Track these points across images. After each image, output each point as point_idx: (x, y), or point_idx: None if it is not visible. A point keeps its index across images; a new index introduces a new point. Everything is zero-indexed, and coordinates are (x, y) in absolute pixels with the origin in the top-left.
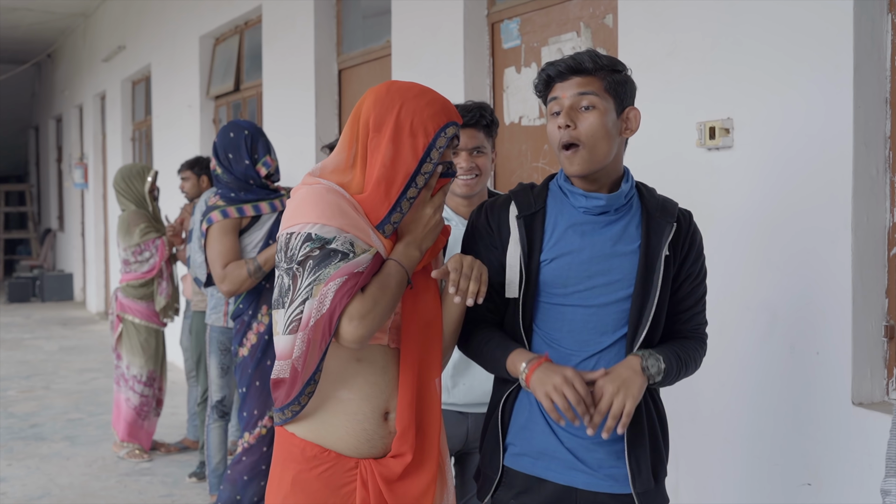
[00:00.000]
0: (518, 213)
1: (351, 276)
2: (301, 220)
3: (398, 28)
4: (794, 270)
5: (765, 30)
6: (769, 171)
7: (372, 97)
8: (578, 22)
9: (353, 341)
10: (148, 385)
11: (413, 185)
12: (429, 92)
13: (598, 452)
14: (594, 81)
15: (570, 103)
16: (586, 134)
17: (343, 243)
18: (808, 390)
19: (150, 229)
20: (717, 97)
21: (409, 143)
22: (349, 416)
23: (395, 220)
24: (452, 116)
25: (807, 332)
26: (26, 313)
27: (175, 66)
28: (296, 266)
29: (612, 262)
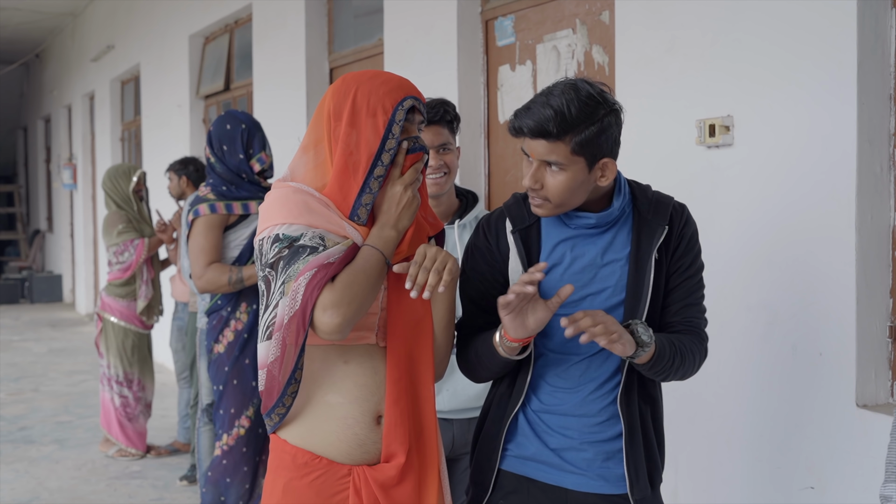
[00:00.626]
0: (513, 228)
1: (321, 267)
2: (269, 224)
3: (390, 26)
4: (796, 270)
5: (765, 25)
6: (770, 170)
7: (331, 89)
8: (574, 19)
9: (331, 332)
10: (125, 386)
11: (379, 163)
12: (383, 73)
13: (586, 452)
14: (560, 146)
15: (536, 164)
16: (553, 193)
17: (311, 238)
18: (810, 392)
19: (127, 229)
20: (717, 94)
21: (370, 124)
22: (339, 421)
23: (367, 201)
24: (409, 91)
25: (809, 333)
26: (15, 315)
27: (164, 65)
28: (268, 270)
29: (602, 272)
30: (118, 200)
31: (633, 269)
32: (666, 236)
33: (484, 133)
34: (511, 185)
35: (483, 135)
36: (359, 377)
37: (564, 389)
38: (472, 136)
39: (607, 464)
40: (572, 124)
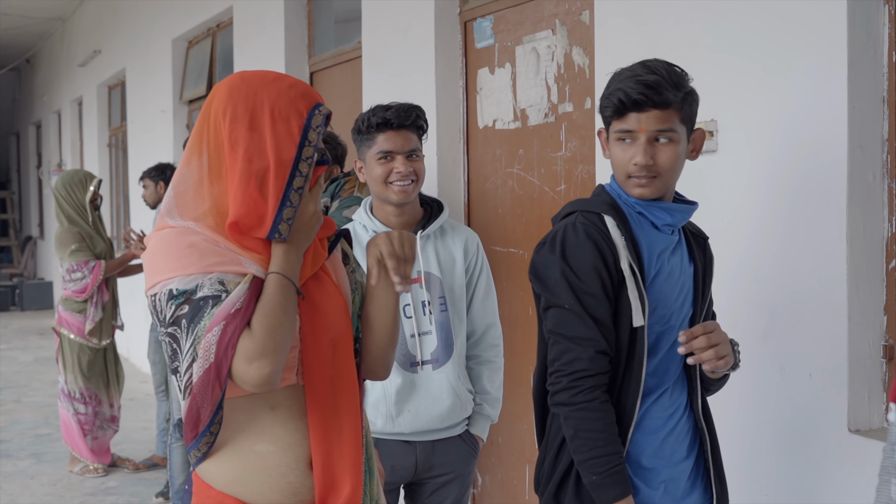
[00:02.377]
0: (621, 233)
1: (229, 318)
2: (159, 279)
3: (368, 28)
4: (784, 285)
5: (750, 25)
6: (756, 178)
7: (225, 89)
8: (554, 19)
9: (262, 384)
10: (83, 402)
11: (298, 173)
12: (287, 76)
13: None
14: (674, 115)
15: (646, 137)
16: (664, 167)
17: (211, 287)
18: (800, 415)
19: (81, 248)
20: (701, 98)
21: (282, 129)
22: (271, 471)
23: (289, 216)
24: (318, 98)
25: (798, 352)
26: (4, 323)
27: (149, 70)
28: (171, 328)
29: (684, 284)
30: (71, 211)
31: (700, 283)
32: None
33: (463, 138)
34: (491, 192)
35: (462, 140)
36: (288, 422)
37: (657, 417)
38: (451, 141)
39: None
40: (678, 92)
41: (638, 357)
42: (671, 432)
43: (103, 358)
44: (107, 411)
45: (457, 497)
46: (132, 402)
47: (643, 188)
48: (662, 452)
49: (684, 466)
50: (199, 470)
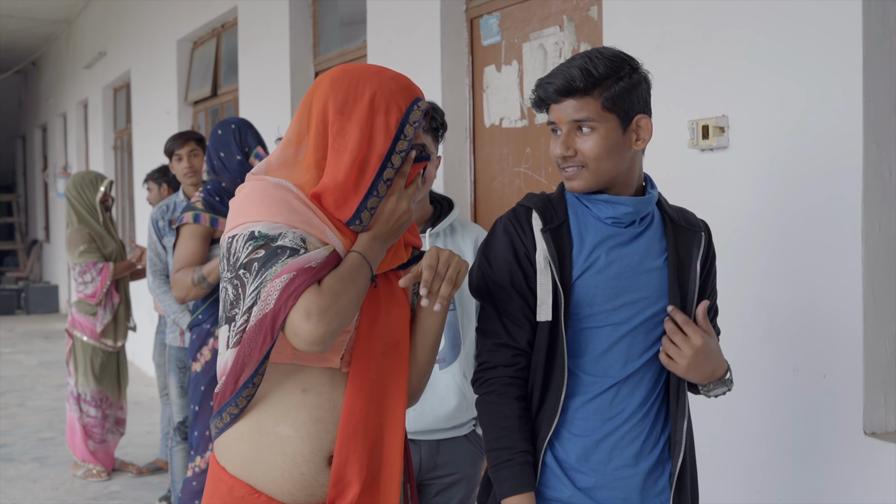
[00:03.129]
0: (543, 226)
1: (300, 271)
2: (243, 220)
3: (373, 27)
4: (798, 284)
5: (761, 18)
6: (769, 174)
7: (327, 81)
8: (561, 15)
9: (314, 342)
10: (94, 406)
11: (389, 164)
12: (387, 69)
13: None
14: (589, 102)
15: (566, 129)
16: (589, 155)
17: (293, 239)
18: (814, 418)
19: (90, 250)
20: (711, 93)
21: (381, 121)
22: (286, 457)
23: (372, 205)
24: (419, 93)
25: (812, 352)
26: (9, 326)
27: (154, 71)
28: (241, 271)
29: (639, 279)
30: (82, 211)
31: (675, 276)
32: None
33: (469, 137)
34: (498, 192)
35: (468, 139)
36: (316, 411)
37: (597, 416)
38: (457, 140)
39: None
40: (600, 79)
41: (559, 354)
42: (608, 436)
43: (116, 360)
44: (116, 413)
45: (463, 498)
46: (136, 405)
47: (572, 180)
48: (595, 456)
49: (629, 473)
50: (217, 446)
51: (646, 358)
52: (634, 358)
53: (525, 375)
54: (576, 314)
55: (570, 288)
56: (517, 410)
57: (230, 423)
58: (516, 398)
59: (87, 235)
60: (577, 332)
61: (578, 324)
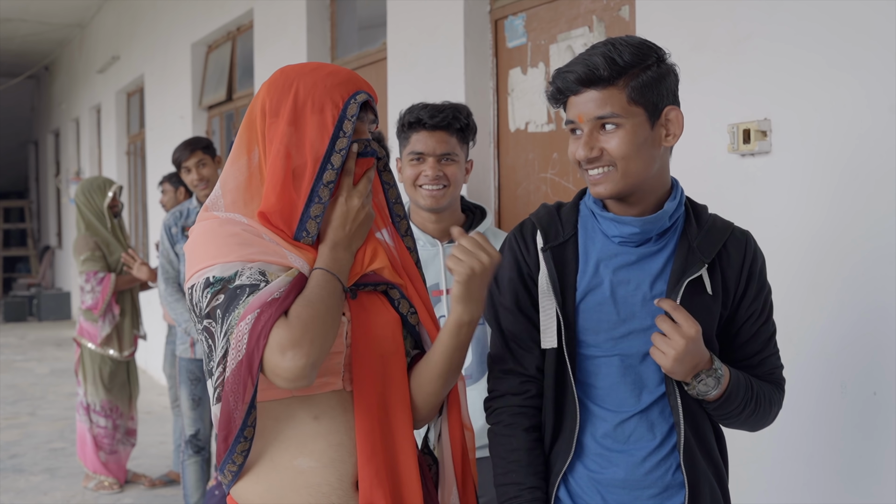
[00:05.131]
0: (544, 244)
1: (264, 307)
2: (197, 268)
3: (394, 28)
4: (846, 296)
5: (805, 17)
6: (813, 180)
7: (265, 84)
8: (591, 15)
9: (296, 377)
10: (104, 416)
11: (328, 166)
12: (328, 65)
13: None
14: (614, 94)
15: (588, 128)
16: (617, 154)
17: (250, 276)
18: (863, 438)
19: (93, 258)
20: (752, 96)
21: (316, 121)
22: (312, 490)
23: (316, 213)
24: (361, 85)
25: (861, 368)
26: (21, 333)
27: (168, 75)
28: (206, 322)
29: (650, 305)
30: (90, 217)
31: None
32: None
33: (494, 142)
34: (523, 199)
35: (493, 144)
36: (333, 436)
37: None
38: (481, 145)
39: None
40: (625, 67)
41: (568, 384)
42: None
43: (126, 370)
44: (127, 423)
45: None
46: (149, 415)
47: (598, 184)
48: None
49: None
50: (234, 494)
51: (661, 391)
52: (650, 388)
53: (536, 404)
54: (582, 342)
55: (574, 313)
56: (526, 443)
57: (233, 479)
58: (525, 429)
59: (92, 242)
60: (585, 360)
61: (585, 351)
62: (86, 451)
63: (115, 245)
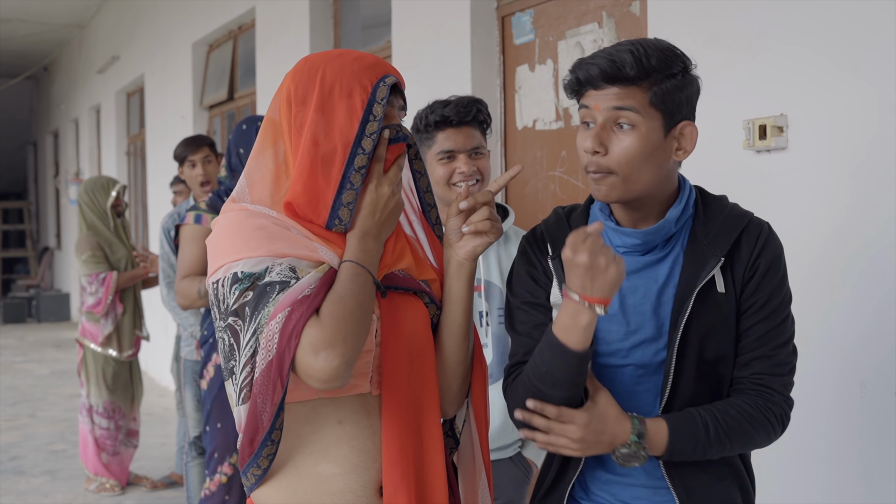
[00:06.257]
0: (553, 253)
1: (295, 305)
2: (223, 261)
3: (399, 26)
4: (864, 293)
5: (823, 9)
6: (831, 177)
7: (290, 73)
8: (600, 11)
9: (330, 378)
10: (106, 417)
11: (360, 150)
12: (353, 51)
13: None
14: (636, 93)
15: (602, 119)
16: (619, 161)
17: (281, 272)
18: (883, 439)
19: (95, 258)
20: (768, 91)
21: (345, 105)
22: (335, 497)
23: (349, 200)
24: (389, 69)
25: (881, 367)
26: (20, 335)
27: (168, 75)
28: (231, 319)
29: (660, 313)
30: (92, 216)
31: (676, 310)
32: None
33: (501, 140)
34: (531, 197)
35: (500, 142)
36: (356, 441)
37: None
38: (489, 143)
39: None
40: (652, 70)
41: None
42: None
43: (129, 370)
44: (129, 425)
45: None
46: (150, 416)
47: (598, 186)
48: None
49: None
50: (255, 496)
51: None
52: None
53: None
54: (594, 350)
55: None
56: None
57: (257, 482)
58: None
59: (94, 242)
60: (600, 368)
61: (599, 360)
62: (88, 453)
63: (118, 245)
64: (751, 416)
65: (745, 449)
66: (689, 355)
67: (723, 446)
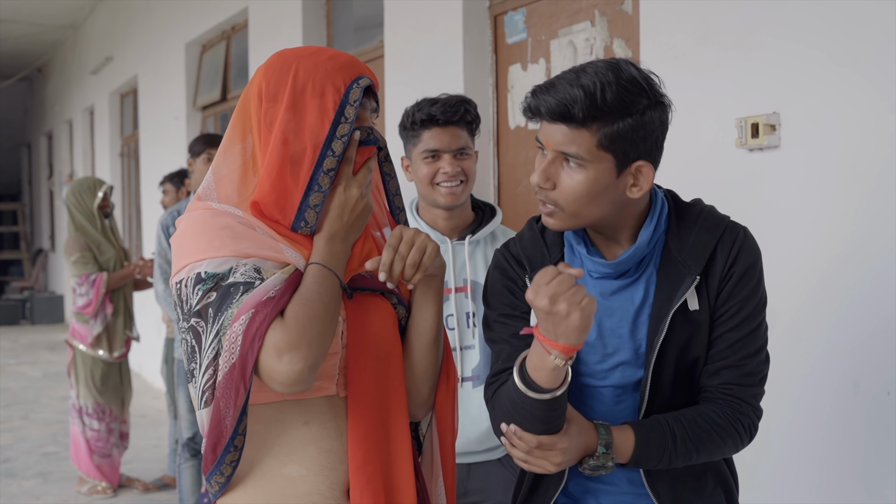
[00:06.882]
0: (531, 271)
1: (259, 306)
2: (187, 261)
3: (391, 25)
4: (857, 294)
5: (813, 10)
6: (824, 176)
7: (262, 68)
8: (593, 10)
9: (293, 382)
10: (97, 418)
11: (329, 152)
12: (328, 49)
13: None
14: (584, 136)
15: (552, 156)
16: (566, 198)
17: (245, 272)
18: (876, 439)
19: (84, 259)
20: (761, 89)
21: (316, 105)
22: (302, 499)
23: (316, 202)
24: (363, 70)
25: (874, 367)
26: (14, 337)
27: (161, 76)
28: (194, 320)
29: (636, 335)
30: (80, 217)
31: (652, 331)
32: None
33: (493, 140)
34: (524, 197)
35: (492, 142)
36: (323, 442)
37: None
38: (481, 143)
39: None
40: (604, 111)
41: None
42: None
43: (118, 372)
44: (120, 427)
45: None
46: (143, 418)
47: (546, 216)
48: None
49: None
50: (220, 502)
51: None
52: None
53: None
54: (573, 369)
55: None
56: None
57: (220, 490)
58: None
59: (83, 243)
60: (580, 387)
61: (579, 379)
62: (79, 455)
63: (107, 245)
64: (718, 425)
65: (711, 457)
66: (666, 371)
67: (689, 455)
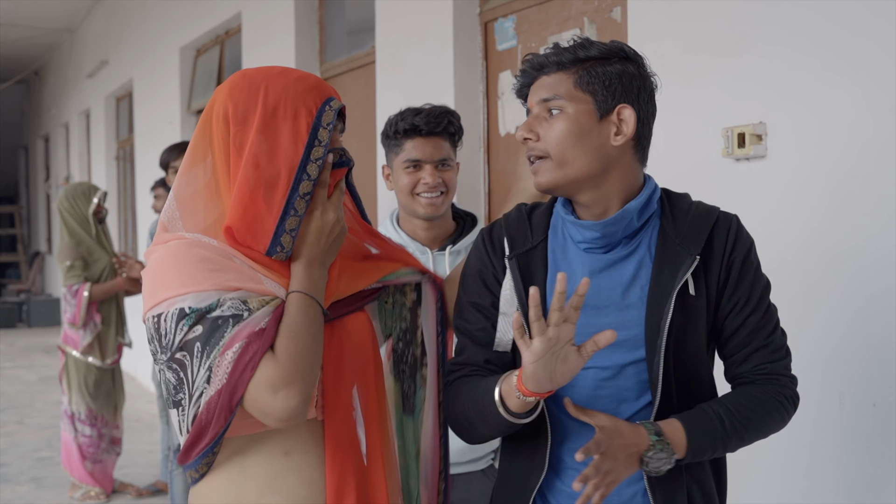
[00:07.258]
0: (510, 252)
1: (251, 337)
2: (166, 296)
3: (383, 31)
4: (843, 304)
5: (803, 17)
6: (811, 186)
7: (226, 87)
8: (582, 17)
9: (289, 417)
10: (89, 424)
11: (305, 176)
12: (293, 69)
13: None
14: (562, 79)
15: (536, 111)
16: (549, 143)
17: (233, 305)
18: (863, 451)
19: (72, 272)
20: (748, 98)
21: (289, 128)
22: None
23: (292, 226)
24: (330, 91)
25: (860, 378)
26: (10, 340)
27: (156, 80)
28: (178, 354)
29: (623, 315)
30: (73, 224)
31: (651, 313)
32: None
33: (483, 146)
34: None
35: (482, 148)
36: (303, 471)
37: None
38: (471, 149)
39: None
40: (581, 57)
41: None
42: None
43: (111, 377)
44: (112, 432)
45: None
46: (137, 423)
47: (536, 174)
48: None
49: None
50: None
51: (645, 401)
52: (630, 399)
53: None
54: None
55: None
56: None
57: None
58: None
59: (75, 252)
60: None
61: None
62: (72, 461)
63: (100, 252)
64: (762, 401)
65: (762, 435)
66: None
67: (741, 437)
